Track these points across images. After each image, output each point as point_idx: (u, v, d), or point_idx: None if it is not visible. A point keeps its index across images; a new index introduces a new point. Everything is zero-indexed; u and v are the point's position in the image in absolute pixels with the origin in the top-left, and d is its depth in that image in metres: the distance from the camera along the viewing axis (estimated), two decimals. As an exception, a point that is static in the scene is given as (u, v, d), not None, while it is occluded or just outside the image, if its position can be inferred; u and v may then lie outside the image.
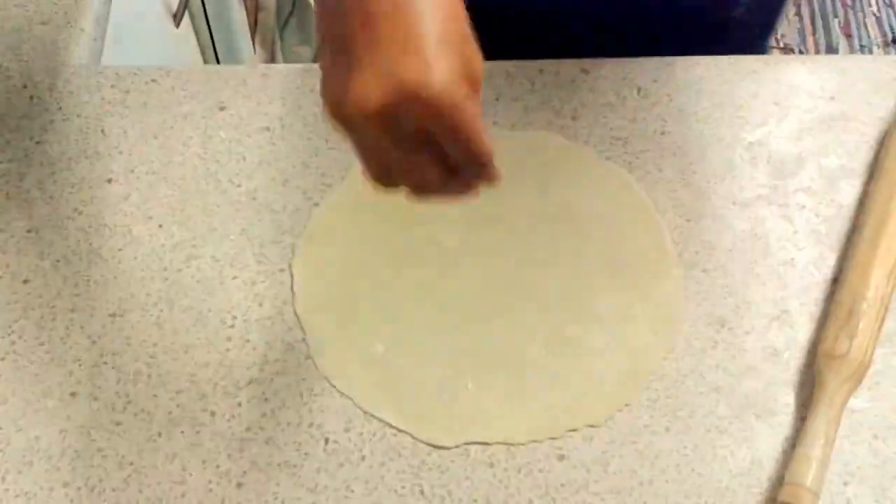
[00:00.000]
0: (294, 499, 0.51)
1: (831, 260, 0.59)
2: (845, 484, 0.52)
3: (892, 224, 0.57)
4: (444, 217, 0.59)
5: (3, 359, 0.55)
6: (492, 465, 0.52)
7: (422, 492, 0.51)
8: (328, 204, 0.60)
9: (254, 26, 1.46)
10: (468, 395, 0.54)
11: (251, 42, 1.43)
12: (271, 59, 1.54)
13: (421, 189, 0.39)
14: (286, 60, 1.58)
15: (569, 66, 0.66)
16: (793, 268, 0.58)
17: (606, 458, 0.52)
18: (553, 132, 0.63)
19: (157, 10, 1.04)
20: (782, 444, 0.53)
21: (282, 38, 1.58)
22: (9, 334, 0.56)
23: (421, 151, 0.37)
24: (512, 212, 0.60)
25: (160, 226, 0.59)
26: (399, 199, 0.46)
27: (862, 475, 0.52)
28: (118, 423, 0.53)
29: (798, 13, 1.78)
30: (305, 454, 0.52)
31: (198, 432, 0.53)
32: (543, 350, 0.55)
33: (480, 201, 0.59)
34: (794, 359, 0.55)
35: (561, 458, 0.52)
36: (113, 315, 0.56)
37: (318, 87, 0.37)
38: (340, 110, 0.35)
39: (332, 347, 0.55)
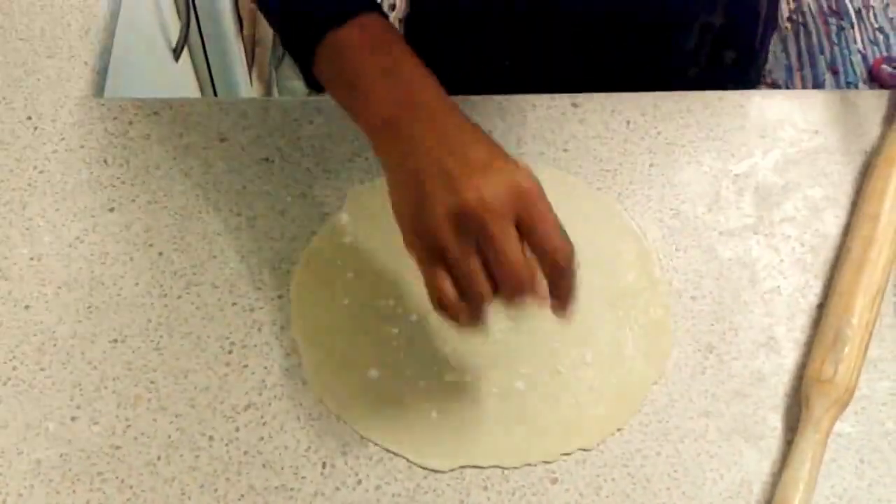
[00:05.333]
0: (291, 521, 0.52)
1: (817, 287, 0.60)
2: (832, 506, 0.53)
3: (875, 252, 0.58)
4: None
5: (4, 383, 0.56)
6: (486, 489, 0.53)
7: (417, 514, 0.52)
8: (325, 232, 0.61)
9: (251, 61, 1.48)
10: (463, 419, 0.55)
11: (248, 76, 1.45)
12: (267, 92, 1.56)
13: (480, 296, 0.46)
14: (281, 94, 1.61)
15: (560, 100, 0.68)
16: (779, 295, 0.60)
17: (599, 481, 0.53)
18: (545, 163, 0.65)
19: (158, 44, 1.06)
20: (770, 467, 0.54)
21: (277, 73, 1.61)
22: (11, 359, 0.56)
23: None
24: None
25: (160, 253, 0.60)
26: (392, 228, 0.48)
27: (849, 498, 0.53)
28: (118, 447, 0.54)
29: (785, 50, 1.81)
30: (302, 478, 0.53)
31: (196, 456, 0.54)
32: (536, 375, 0.56)
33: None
34: (781, 384, 0.57)
35: (554, 481, 0.53)
36: (114, 341, 0.57)
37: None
38: (461, 213, 0.45)
39: (329, 373, 0.56)
